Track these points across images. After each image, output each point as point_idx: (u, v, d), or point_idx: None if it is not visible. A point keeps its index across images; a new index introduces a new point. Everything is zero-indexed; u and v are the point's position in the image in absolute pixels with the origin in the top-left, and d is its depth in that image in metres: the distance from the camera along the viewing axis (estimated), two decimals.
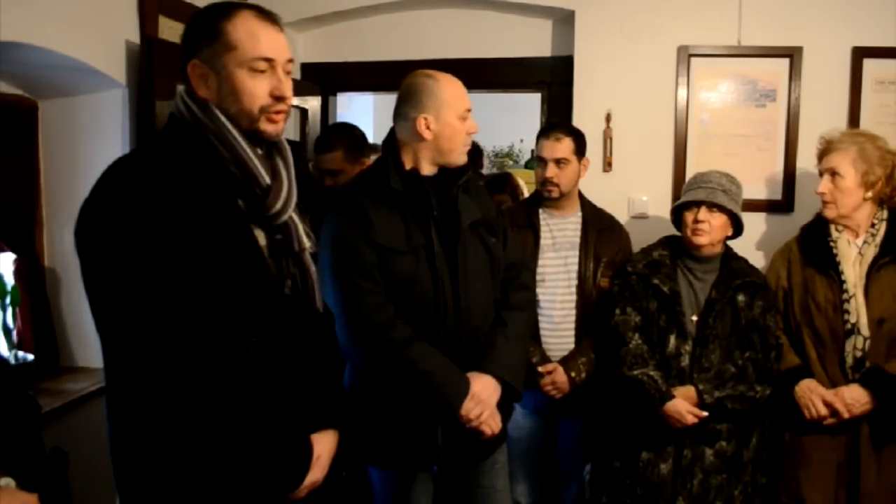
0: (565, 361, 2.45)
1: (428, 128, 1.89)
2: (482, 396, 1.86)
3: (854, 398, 2.21)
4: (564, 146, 2.50)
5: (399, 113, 1.93)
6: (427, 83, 1.90)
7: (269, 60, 1.36)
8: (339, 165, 2.64)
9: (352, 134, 2.73)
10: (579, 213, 2.58)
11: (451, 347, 1.87)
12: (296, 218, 1.45)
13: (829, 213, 2.35)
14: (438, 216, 1.88)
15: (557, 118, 3.08)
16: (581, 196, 2.60)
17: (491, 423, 1.89)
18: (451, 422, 1.86)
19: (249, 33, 1.35)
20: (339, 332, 1.72)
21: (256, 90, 1.36)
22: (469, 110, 1.93)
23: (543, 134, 2.56)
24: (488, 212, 2.02)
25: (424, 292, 1.85)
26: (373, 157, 2.72)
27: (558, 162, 2.49)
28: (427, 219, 1.86)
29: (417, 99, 1.89)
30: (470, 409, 1.84)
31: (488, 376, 1.89)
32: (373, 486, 2.02)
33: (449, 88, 1.91)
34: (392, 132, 1.97)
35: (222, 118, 1.36)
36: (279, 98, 1.37)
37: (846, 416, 2.22)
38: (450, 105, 1.90)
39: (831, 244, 2.32)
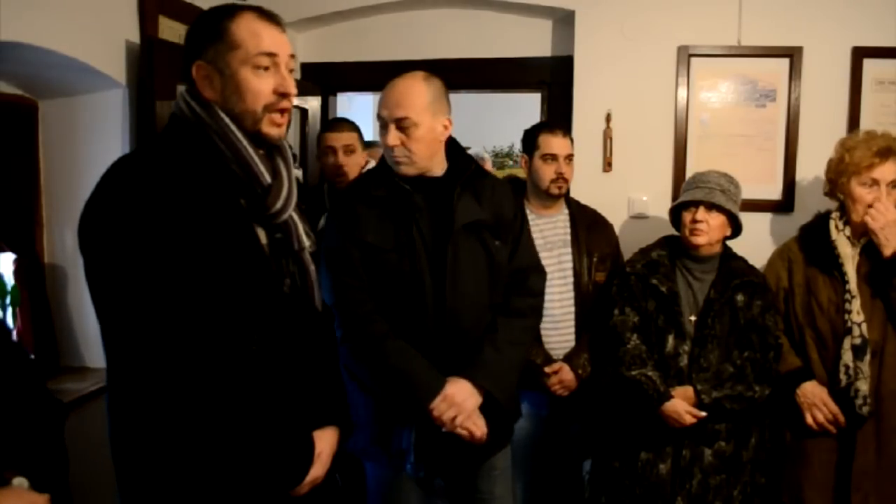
0: (569, 358, 2.45)
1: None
2: (456, 399, 1.81)
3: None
4: (569, 143, 2.53)
5: None
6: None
7: (271, 55, 1.37)
8: (355, 143, 2.80)
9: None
10: (566, 211, 2.57)
11: (433, 348, 1.85)
12: (296, 217, 1.47)
13: (877, 223, 2.22)
14: (425, 216, 1.86)
15: (557, 118, 3.08)
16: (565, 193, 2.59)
17: (470, 426, 1.83)
18: (425, 423, 1.83)
19: (252, 32, 1.37)
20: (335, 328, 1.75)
21: (261, 87, 1.37)
22: (395, 119, 1.82)
23: (549, 130, 2.53)
24: (500, 214, 1.97)
25: (406, 291, 1.84)
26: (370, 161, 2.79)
27: (567, 158, 2.51)
28: (409, 219, 1.85)
29: None
30: (442, 410, 1.80)
31: (467, 381, 1.85)
32: (367, 481, 2.03)
33: (384, 93, 1.87)
34: None
35: (225, 118, 1.37)
36: (283, 94, 1.39)
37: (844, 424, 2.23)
38: (379, 109, 1.88)
39: (833, 244, 2.31)
